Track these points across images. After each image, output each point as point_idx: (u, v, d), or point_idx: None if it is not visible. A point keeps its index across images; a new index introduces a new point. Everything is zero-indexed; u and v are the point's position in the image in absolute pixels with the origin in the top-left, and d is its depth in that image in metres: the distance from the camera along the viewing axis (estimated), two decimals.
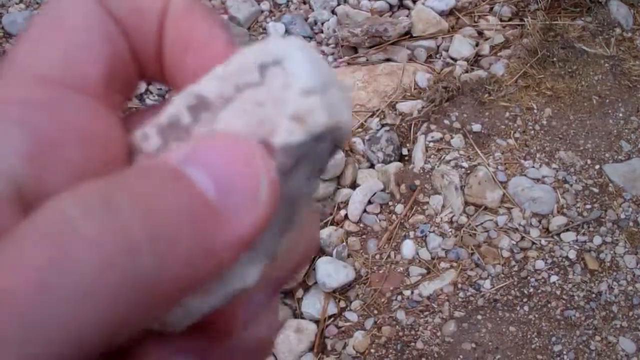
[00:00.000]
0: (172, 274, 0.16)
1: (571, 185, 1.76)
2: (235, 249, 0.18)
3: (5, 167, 0.17)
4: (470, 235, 1.67)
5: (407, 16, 2.14)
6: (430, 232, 1.67)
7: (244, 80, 0.20)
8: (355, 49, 2.10)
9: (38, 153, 0.18)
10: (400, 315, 1.58)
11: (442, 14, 2.14)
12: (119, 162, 0.21)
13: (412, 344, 1.55)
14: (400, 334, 1.56)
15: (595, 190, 1.76)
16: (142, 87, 1.98)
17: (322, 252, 1.68)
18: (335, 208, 1.74)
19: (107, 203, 0.16)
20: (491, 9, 2.20)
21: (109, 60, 0.21)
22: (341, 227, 1.71)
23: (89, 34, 0.20)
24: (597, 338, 1.57)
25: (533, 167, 1.79)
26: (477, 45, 2.10)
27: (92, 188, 0.16)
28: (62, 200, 0.16)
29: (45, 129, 0.18)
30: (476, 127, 1.85)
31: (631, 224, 1.72)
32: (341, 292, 1.62)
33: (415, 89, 1.97)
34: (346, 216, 1.72)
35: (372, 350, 1.54)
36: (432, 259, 1.65)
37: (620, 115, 1.92)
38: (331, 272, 1.60)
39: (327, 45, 2.12)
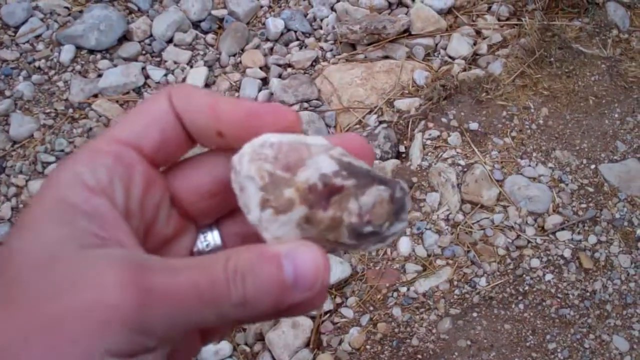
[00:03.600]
0: (246, 319, 0.31)
1: (567, 185, 1.77)
2: (295, 301, 0.31)
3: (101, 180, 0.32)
4: (466, 232, 1.68)
5: (406, 14, 2.14)
6: (426, 229, 1.68)
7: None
8: (353, 46, 2.10)
9: (116, 175, 0.32)
10: (396, 311, 1.58)
11: (440, 12, 2.15)
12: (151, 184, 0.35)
13: (408, 340, 1.55)
14: (396, 330, 1.57)
15: (591, 189, 1.78)
16: (141, 81, 1.97)
17: None
18: None
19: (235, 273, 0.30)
20: (489, 8, 2.21)
21: (161, 136, 0.34)
22: None
23: (156, 120, 0.34)
24: (591, 336, 1.58)
25: (529, 165, 1.80)
26: (475, 44, 2.11)
27: (239, 256, 0.30)
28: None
29: (116, 165, 0.32)
30: (473, 126, 1.86)
31: (626, 223, 1.73)
32: (337, 288, 1.63)
33: (413, 86, 1.97)
34: None
35: (368, 347, 1.55)
36: (428, 256, 1.65)
37: (616, 115, 1.93)
38: None
39: (326, 41, 2.13)
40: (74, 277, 0.27)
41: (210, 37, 2.12)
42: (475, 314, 1.59)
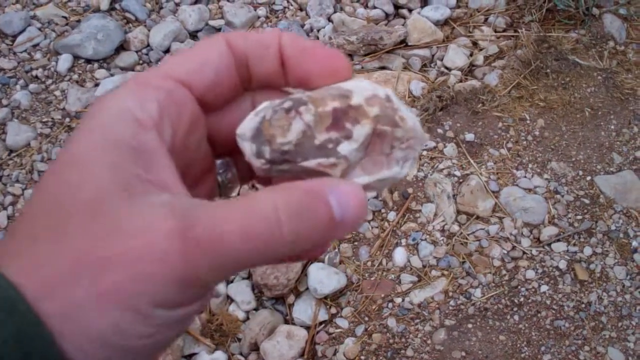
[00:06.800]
0: (297, 253, 0.31)
1: (562, 196, 1.77)
2: (338, 238, 0.37)
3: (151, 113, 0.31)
4: (461, 243, 1.68)
5: (403, 25, 2.15)
6: (422, 240, 1.68)
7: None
8: (350, 57, 2.11)
9: (166, 112, 0.32)
10: (391, 322, 1.58)
11: (437, 23, 2.16)
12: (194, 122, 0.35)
13: (403, 351, 1.55)
14: (391, 341, 1.56)
15: (587, 201, 1.78)
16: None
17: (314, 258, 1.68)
18: None
19: (299, 210, 0.30)
20: (486, 19, 2.21)
21: (215, 77, 0.34)
22: None
23: (212, 61, 0.34)
24: (586, 348, 1.58)
25: (525, 177, 1.80)
26: (471, 55, 2.11)
27: (286, 195, 0.30)
28: (270, 199, 0.30)
29: (167, 101, 0.32)
30: (469, 137, 1.86)
31: (621, 235, 1.73)
32: (332, 299, 1.62)
33: (409, 97, 1.98)
34: None
35: (362, 357, 1.54)
36: (424, 266, 1.65)
37: (612, 127, 1.93)
38: (323, 278, 1.60)
39: None
40: (121, 223, 0.28)
41: None
42: (470, 325, 1.59)
